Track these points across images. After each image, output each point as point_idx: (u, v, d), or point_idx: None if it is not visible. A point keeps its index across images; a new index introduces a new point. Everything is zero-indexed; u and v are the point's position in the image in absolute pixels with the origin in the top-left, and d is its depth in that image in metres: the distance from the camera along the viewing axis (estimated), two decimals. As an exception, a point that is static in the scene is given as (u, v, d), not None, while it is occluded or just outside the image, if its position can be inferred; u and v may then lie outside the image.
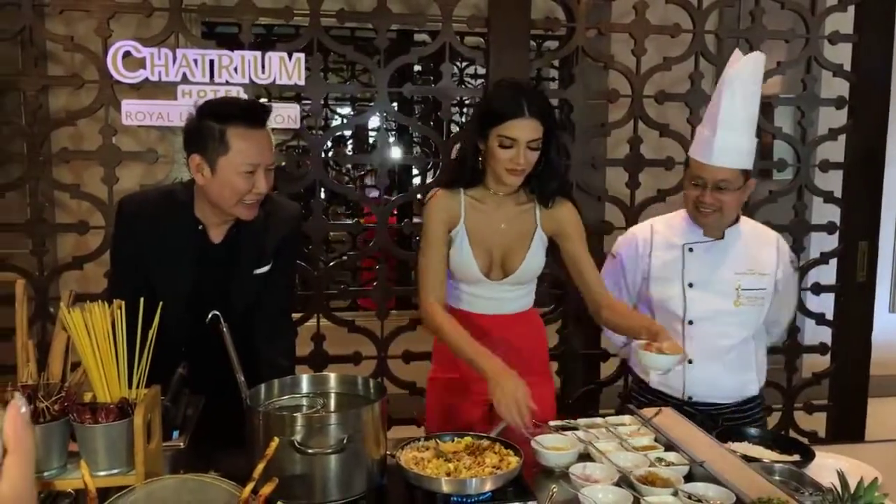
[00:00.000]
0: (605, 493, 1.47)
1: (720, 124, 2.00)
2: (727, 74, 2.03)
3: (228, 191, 1.72)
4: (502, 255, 1.96)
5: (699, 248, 2.13)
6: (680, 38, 2.99)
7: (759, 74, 2.04)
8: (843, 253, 3.18)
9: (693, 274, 2.12)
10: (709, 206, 2.04)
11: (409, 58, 2.90)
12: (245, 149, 1.70)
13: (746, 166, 2.04)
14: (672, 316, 2.13)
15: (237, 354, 1.54)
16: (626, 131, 3.03)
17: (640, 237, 2.22)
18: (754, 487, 1.47)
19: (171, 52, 2.59)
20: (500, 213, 1.95)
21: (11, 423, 0.44)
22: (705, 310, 2.11)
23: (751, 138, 2.05)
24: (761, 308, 2.12)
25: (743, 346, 2.13)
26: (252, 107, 1.76)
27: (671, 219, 2.21)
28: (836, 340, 3.23)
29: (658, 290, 2.16)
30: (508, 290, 1.99)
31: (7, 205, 2.87)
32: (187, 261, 1.80)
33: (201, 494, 1.14)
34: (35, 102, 2.64)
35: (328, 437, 1.41)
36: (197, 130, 1.73)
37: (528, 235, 1.96)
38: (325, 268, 2.97)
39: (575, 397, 3.09)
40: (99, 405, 1.25)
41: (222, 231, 1.82)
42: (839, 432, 3.17)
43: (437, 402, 2.08)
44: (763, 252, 2.14)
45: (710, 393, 2.12)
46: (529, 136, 1.81)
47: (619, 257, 2.26)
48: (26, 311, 1.34)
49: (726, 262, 2.11)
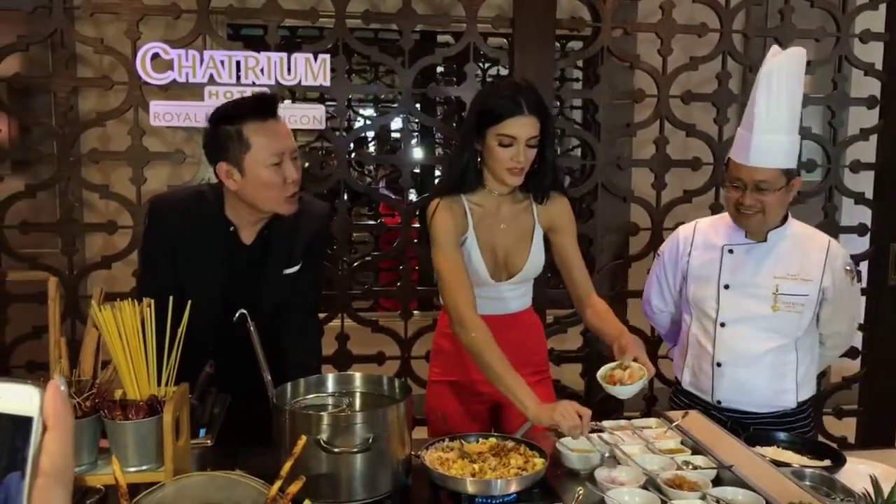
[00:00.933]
0: (631, 496, 1.46)
1: (756, 123, 1.93)
2: (762, 71, 1.94)
3: (263, 188, 1.72)
4: (505, 256, 1.95)
5: (739, 249, 2.06)
6: (707, 37, 2.96)
7: (800, 70, 1.95)
8: (874, 255, 3.13)
9: (729, 275, 2.06)
10: (749, 209, 1.96)
11: (434, 58, 2.90)
12: (265, 141, 1.70)
13: (787, 165, 1.95)
14: (706, 317, 2.09)
15: (264, 353, 1.55)
16: (652, 132, 3.01)
17: (681, 236, 2.19)
18: (784, 492, 1.45)
19: (198, 54, 2.62)
20: (500, 214, 1.94)
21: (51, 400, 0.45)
22: (739, 313, 2.04)
23: (792, 136, 1.96)
24: (801, 315, 2.01)
25: (779, 354, 2.04)
26: (260, 100, 1.76)
27: (718, 220, 2.16)
28: (867, 344, 3.18)
29: (695, 291, 2.11)
30: (510, 289, 1.98)
31: (38, 205, 2.92)
32: (217, 261, 1.81)
33: (229, 492, 1.15)
34: (66, 104, 2.69)
35: (354, 436, 1.41)
36: (215, 139, 1.73)
37: (528, 234, 1.95)
38: (349, 268, 2.98)
39: (599, 399, 3.07)
40: (129, 402, 1.27)
41: (253, 232, 1.83)
42: (869, 438, 3.11)
43: (438, 405, 2.06)
44: (810, 257, 2.03)
45: (739, 399, 2.05)
46: (529, 134, 1.80)
47: (661, 256, 2.23)
48: (59, 308, 1.36)
49: (766, 266, 2.03)
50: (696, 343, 2.12)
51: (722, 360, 2.05)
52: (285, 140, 1.74)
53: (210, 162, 1.77)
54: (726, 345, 2.05)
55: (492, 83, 1.96)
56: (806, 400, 2.10)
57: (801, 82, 1.97)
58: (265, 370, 1.53)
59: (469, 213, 1.92)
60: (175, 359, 1.33)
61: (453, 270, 1.85)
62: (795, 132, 1.97)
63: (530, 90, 1.84)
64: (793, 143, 1.96)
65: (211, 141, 1.75)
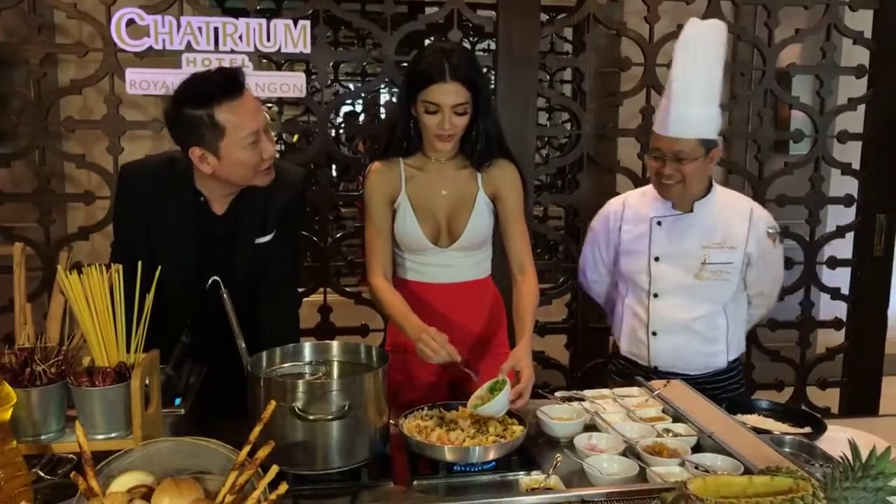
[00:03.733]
0: (609, 463, 1.45)
1: (674, 94, 1.97)
2: (679, 43, 1.99)
3: (241, 168, 1.68)
4: (447, 221, 1.93)
5: (667, 221, 2.10)
6: (694, 4, 2.91)
7: (719, 42, 1.98)
8: (861, 226, 3.12)
9: (659, 247, 2.10)
10: (669, 178, 2.00)
11: (417, 24, 2.84)
12: (240, 122, 1.64)
13: (705, 135, 1.98)
14: (639, 289, 2.14)
15: (238, 322, 1.52)
16: (638, 101, 2.97)
17: (612, 210, 2.22)
18: (763, 458, 1.44)
19: (174, 20, 2.55)
20: (441, 180, 1.91)
21: None
22: (669, 283, 2.09)
23: (710, 107, 1.98)
24: (728, 282, 2.07)
25: (709, 319, 2.10)
26: (227, 77, 1.65)
27: (646, 192, 2.18)
28: (852, 315, 3.18)
29: (627, 264, 2.15)
30: (458, 256, 1.94)
31: (19, 179, 2.87)
32: (189, 232, 1.77)
33: (197, 458, 1.13)
34: (39, 71, 2.62)
35: (330, 403, 1.39)
36: (183, 123, 1.65)
37: (470, 199, 1.91)
38: (333, 240, 2.95)
39: (583, 371, 3.07)
40: (96, 369, 1.24)
41: (225, 203, 1.79)
42: (852, 409, 3.13)
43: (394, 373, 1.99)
44: (734, 225, 2.07)
45: (673, 364, 2.11)
46: (453, 101, 1.75)
47: (593, 230, 2.27)
48: (24, 273, 1.33)
49: (693, 235, 2.07)
50: (632, 313, 2.17)
51: (657, 329, 2.11)
52: (258, 116, 1.67)
53: (179, 145, 1.69)
54: (659, 314, 2.11)
55: (426, 47, 1.91)
56: (736, 358, 2.18)
57: (721, 55, 2.00)
58: (239, 338, 1.51)
59: (404, 176, 1.90)
60: (144, 325, 1.30)
61: (372, 236, 1.91)
62: (713, 103, 2.00)
63: (459, 55, 1.77)
64: (710, 114, 1.99)
65: (179, 125, 1.66)
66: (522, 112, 2.80)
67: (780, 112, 3.86)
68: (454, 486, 1.43)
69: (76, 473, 1.04)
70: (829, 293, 3.17)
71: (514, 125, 2.75)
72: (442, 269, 1.95)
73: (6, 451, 1.10)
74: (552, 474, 1.41)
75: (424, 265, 1.95)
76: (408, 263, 1.97)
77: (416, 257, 1.96)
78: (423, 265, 1.95)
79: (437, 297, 1.94)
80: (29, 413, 1.20)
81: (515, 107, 2.79)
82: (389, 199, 1.91)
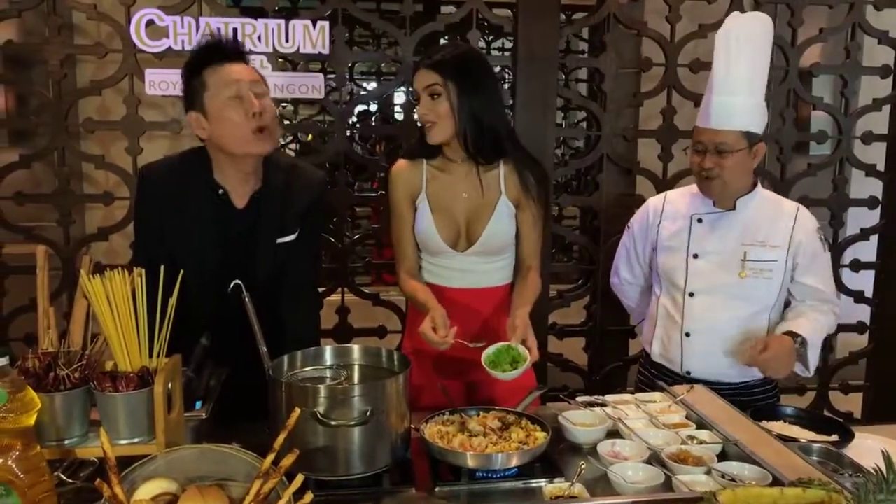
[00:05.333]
0: (634, 471, 1.43)
1: (716, 86, 1.94)
2: (720, 33, 1.96)
3: (228, 124, 1.70)
4: (466, 225, 1.92)
5: (708, 218, 2.05)
6: (716, 4, 2.88)
7: (764, 34, 1.95)
8: (885, 229, 3.08)
9: (698, 245, 2.05)
10: (709, 171, 1.95)
11: (436, 25, 2.83)
12: (221, 78, 1.70)
13: (747, 128, 1.93)
14: (675, 287, 2.09)
15: (260, 325, 1.52)
16: (659, 101, 2.94)
17: (651, 207, 2.18)
18: (791, 468, 1.41)
19: (193, 21, 2.56)
20: (463, 183, 1.91)
21: None
22: (707, 282, 2.03)
23: (752, 98, 1.95)
24: (770, 282, 1.99)
25: (749, 322, 2.02)
26: (217, 44, 1.75)
27: (687, 190, 2.14)
28: (875, 319, 3.14)
29: (664, 261, 2.11)
30: (477, 262, 1.93)
31: (37, 179, 2.89)
32: (210, 229, 1.77)
33: (222, 465, 1.12)
34: (59, 72, 2.63)
35: (351, 409, 1.38)
36: (184, 92, 1.75)
37: (491, 204, 1.91)
38: (350, 241, 2.94)
39: (602, 375, 3.05)
40: (119, 374, 1.24)
41: (245, 195, 1.79)
42: (876, 414, 3.09)
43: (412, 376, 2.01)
44: (777, 223, 2.01)
45: (708, 370, 2.03)
46: (423, 83, 1.81)
47: (631, 228, 2.23)
48: (47, 276, 1.33)
49: (734, 233, 2.02)
50: (666, 314, 2.11)
51: (691, 330, 2.05)
52: (243, 74, 1.73)
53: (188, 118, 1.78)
54: (695, 314, 2.05)
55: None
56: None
57: (766, 48, 1.96)
58: (261, 342, 1.50)
59: (426, 176, 1.92)
60: (167, 330, 1.29)
61: (396, 237, 1.96)
62: (757, 95, 1.96)
63: (440, 47, 1.87)
64: (754, 106, 1.95)
65: (183, 97, 1.76)
66: (541, 112, 2.78)
67: (801, 113, 3.81)
68: (476, 493, 1.42)
69: (101, 481, 1.03)
70: (853, 296, 3.12)
71: (534, 126, 2.73)
72: (461, 274, 1.93)
73: (30, 456, 1.10)
74: (576, 482, 1.39)
75: (443, 268, 1.94)
76: (428, 266, 1.96)
77: (435, 260, 1.95)
78: (442, 268, 1.94)
79: (456, 301, 1.92)
80: (53, 418, 1.20)
81: (534, 107, 2.77)
82: (411, 198, 1.92)
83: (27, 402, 1.09)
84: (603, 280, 2.84)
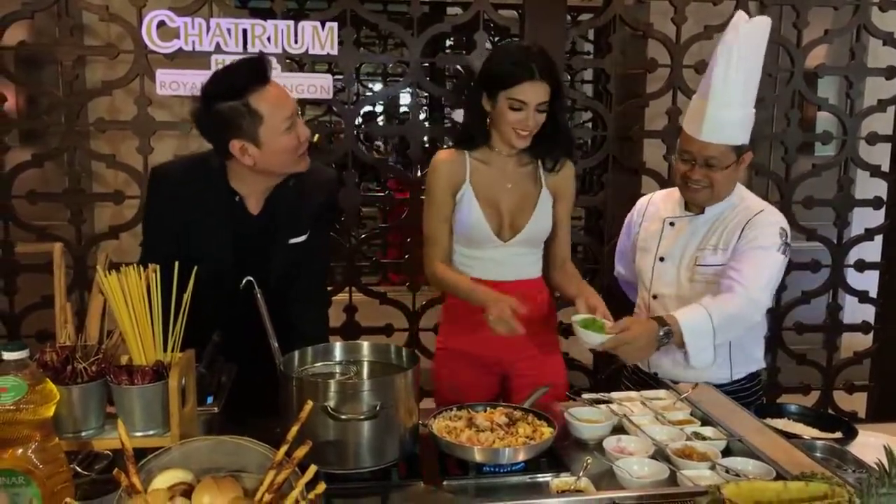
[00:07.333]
0: (640, 466, 1.45)
1: (713, 96, 1.87)
2: (723, 42, 1.87)
3: (282, 154, 1.69)
4: (511, 215, 1.96)
5: (680, 222, 2.05)
6: (721, 6, 2.90)
7: (763, 42, 1.89)
8: (889, 229, 3.09)
9: (665, 248, 2.05)
10: (697, 183, 1.93)
11: (444, 26, 2.86)
12: (275, 107, 1.65)
13: (739, 141, 1.90)
14: (644, 288, 2.10)
15: (271, 321, 1.54)
16: (664, 102, 2.96)
17: (637, 207, 2.20)
18: (794, 464, 1.43)
19: (204, 22, 2.59)
20: (506, 174, 1.96)
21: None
22: (665, 285, 2.03)
23: (745, 110, 1.90)
24: (716, 286, 1.91)
25: None
26: (254, 65, 1.67)
27: (672, 192, 2.12)
28: (879, 319, 3.15)
29: (638, 261, 2.13)
30: (517, 252, 1.98)
31: (48, 178, 2.92)
32: (224, 232, 1.78)
33: (236, 456, 1.15)
34: (71, 73, 2.66)
35: (361, 403, 1.40)
36: (217, 118, 1.65)
37: (533, 195, 1.97)
38: (357, 240, 2.97)
39: (607, 373, 3.06)
40: (135, 367, 1.26)
41: (260, 201, 1.80)
42: (880, 413, 3.10)
43: (446, 373, 2.06)
44: (734, 226, 1.95)
45: (673, 371, 1.99)
46: (539, 99, 1.82)
47: (625, 224, 2.25)
48: (64, 274, 1.35)
49: (695, 238, 2.00)
50: (639, 314, 2.12)
51: None
52: (290, 100, 1.71)
53: (216, 142, 1.70)
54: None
55: (503, 45, 1.96)
56: (744, 377, 2.01)
57: (761, 54, 1.91)
58: (272, 338, 1.52)
59: (469, 167, 1.94)
60: (181, 325, 1.32)
61: (437, 223, 1.96)
62: (750, 106, 1.92)
63: (542, 55, 1.85)
64: (745, 117, 1.91)
65: (213, 121, 1.66)
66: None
67: (806, 114, 3.82)
68: (484, 487, 1.43)
69: (118, 470, 1.06)
70: (857, 296, 3.14)
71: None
72: (496, 266, 1.97)
73: (49, 448, 1.12)
74: (582, 476, 1.41)
75: (478, 260, 1.97)
76: (461, 258, 1.99)
77: (471, 251, 1.98)
78: (477, 259, 1.97)
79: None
80: (70, 410, 1.22)
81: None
82: (453, 189, 1.95)
83: (46, 394, 1.11)
84: (607, 279, 2.85)
